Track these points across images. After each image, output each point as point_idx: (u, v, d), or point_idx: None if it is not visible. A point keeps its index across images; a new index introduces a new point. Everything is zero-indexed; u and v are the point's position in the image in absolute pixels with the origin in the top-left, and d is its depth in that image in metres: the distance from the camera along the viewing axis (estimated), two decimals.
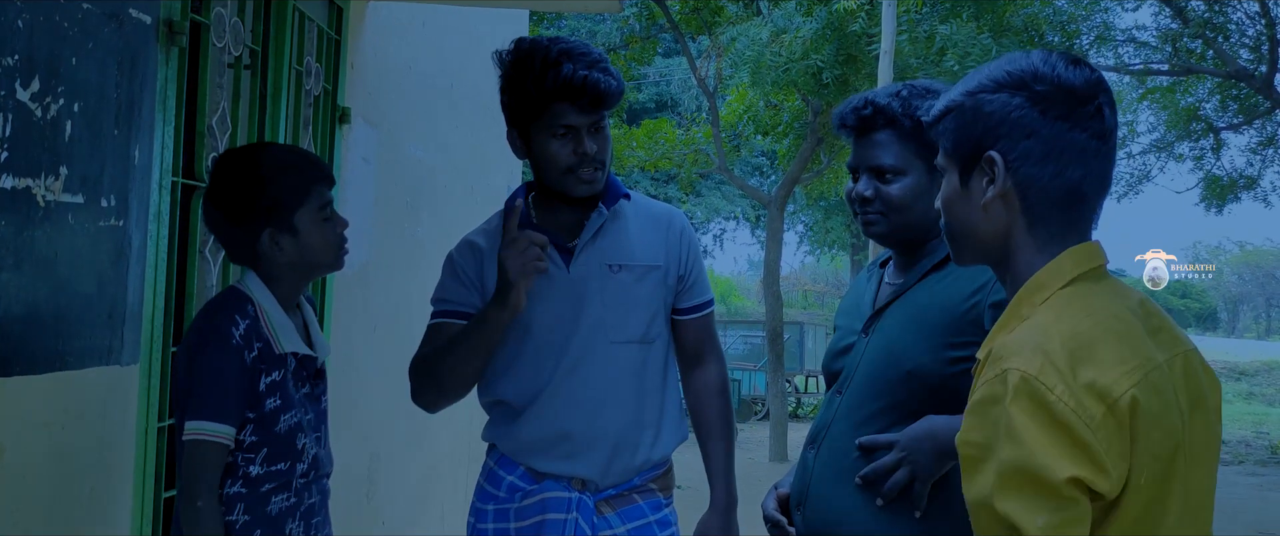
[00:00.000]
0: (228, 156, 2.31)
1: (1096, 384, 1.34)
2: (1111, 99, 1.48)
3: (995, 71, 1.48)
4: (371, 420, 4.14)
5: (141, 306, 2.40)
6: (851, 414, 2.16)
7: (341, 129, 3.60)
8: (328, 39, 3.49)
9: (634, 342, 2.47)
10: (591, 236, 2.47)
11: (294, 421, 2.23)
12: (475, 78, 5.13)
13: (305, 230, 2.23)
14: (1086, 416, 1.32)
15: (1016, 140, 1.44)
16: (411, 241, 4.43)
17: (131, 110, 2.31)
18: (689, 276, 2.55)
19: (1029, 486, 1.32)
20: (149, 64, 2.37)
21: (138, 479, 2.43)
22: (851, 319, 2.29)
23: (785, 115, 12.72)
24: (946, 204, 1.54)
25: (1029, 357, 1.35)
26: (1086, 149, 1.44)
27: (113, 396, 2.33)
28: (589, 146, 2.38)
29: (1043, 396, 1.32)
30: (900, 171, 2.18)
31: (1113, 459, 1.33)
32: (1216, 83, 14.71)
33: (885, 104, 2.18)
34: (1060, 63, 1.46)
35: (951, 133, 1.51)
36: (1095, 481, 1.32)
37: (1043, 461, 1.31)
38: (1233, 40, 13.91)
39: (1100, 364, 1.35)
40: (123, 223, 2.30)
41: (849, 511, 2.12)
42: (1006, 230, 1.48)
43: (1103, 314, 1.41)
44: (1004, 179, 1.45)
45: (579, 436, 2.46)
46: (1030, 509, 1.32)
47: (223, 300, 2.22)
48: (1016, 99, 1.44)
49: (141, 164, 2.36)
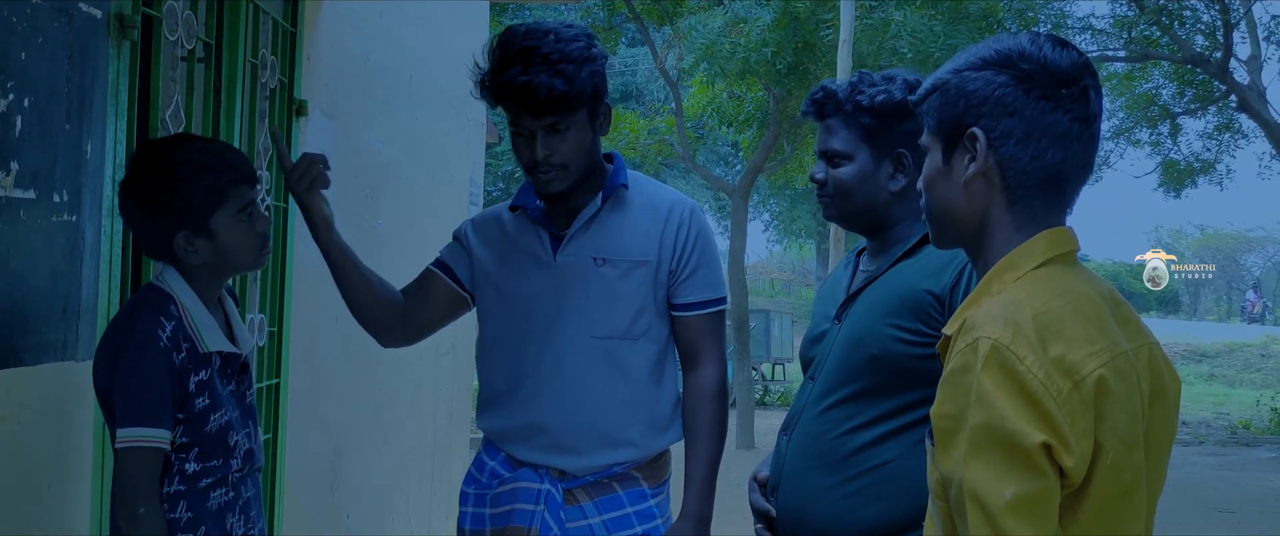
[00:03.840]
0: (146, 150, 2.25)
1: (1065, 359, 1.34)
2: (1098, 83, 1.48)
3: (983, 50, 1.48)
4: (335, 414, 4.13)
5: (96, 301, 2.39)
6: (822, 400, 2.20)
7: (299, 121, 3.59)
8: (283, 31, 3.47)
9: (617, 338, 2.43)
10: (581, 227, 2.45)
11: (224, 420, 2.21)
12: (434, 69, 5.12)
13: (222, 233, 2.18)
14: (1054, 390, 1.33)
15: (999, 118, 1.44)
16: (371, 233, 4.42)
17: (83, 105, 2.30)
18: (683, 271, 2.45)
19: (999, 451, 1.32)
20: (100, 58, 2.36)
21: (96, 474, 2.42)
22: (826, 306, 2.33)
23: (748, 106, 12.75)
24: (928, 183, 1.54)
25: (1000, 328, 1.36)
26: (1069, 131, 1.44)
27: (69, 392, 2.32)
28: (540, 151, 2.35)
29: (1012, 366, 1.33)
30: (847, 156, 2.25)
31: (1076, 435, 1.33)
32: (1173, 69, 14.88)
33: (835, 89, 2.27)
34: (1047, 44, 1.46)
35: (936, 110, 1.51)
36: (1061, 453, 1.32)
37: (1014, 426, 1.32)
38: (1187, 26, 14.07)
39: (1069, 341, 1.36)
40: (76, 218, 2.29)
41: (818, 495, 2.16)
42: (985, 209, 1.48)
43: (1073, 295, 1.42)
44: (985, 156, 1.45)
45: (556, 429, 2.45)
46: (998, 478, 1.32)
47: (143, 300, 2.17)
48: (1001, 77, 1.44)
49: (94, 159, 2.35)
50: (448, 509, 5.84)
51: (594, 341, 2.43)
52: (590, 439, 2.44)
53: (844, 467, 2.14)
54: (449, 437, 5.84)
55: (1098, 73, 1.51)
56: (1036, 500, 1.31)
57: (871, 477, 2.12)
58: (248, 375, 2.34)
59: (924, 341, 2.09)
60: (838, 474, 2.15)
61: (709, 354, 2.48)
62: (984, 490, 1.32)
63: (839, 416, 2.17)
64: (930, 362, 2.05)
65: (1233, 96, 14.33)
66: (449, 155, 5.58)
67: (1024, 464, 1.31)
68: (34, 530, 2.21)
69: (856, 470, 2.13)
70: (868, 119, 2.22)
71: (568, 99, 2.30)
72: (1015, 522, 1.30)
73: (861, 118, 2.22)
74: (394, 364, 4.84)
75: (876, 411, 2.14)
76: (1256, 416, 15.15)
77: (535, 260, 2.48)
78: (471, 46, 5.99)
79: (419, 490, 5.31)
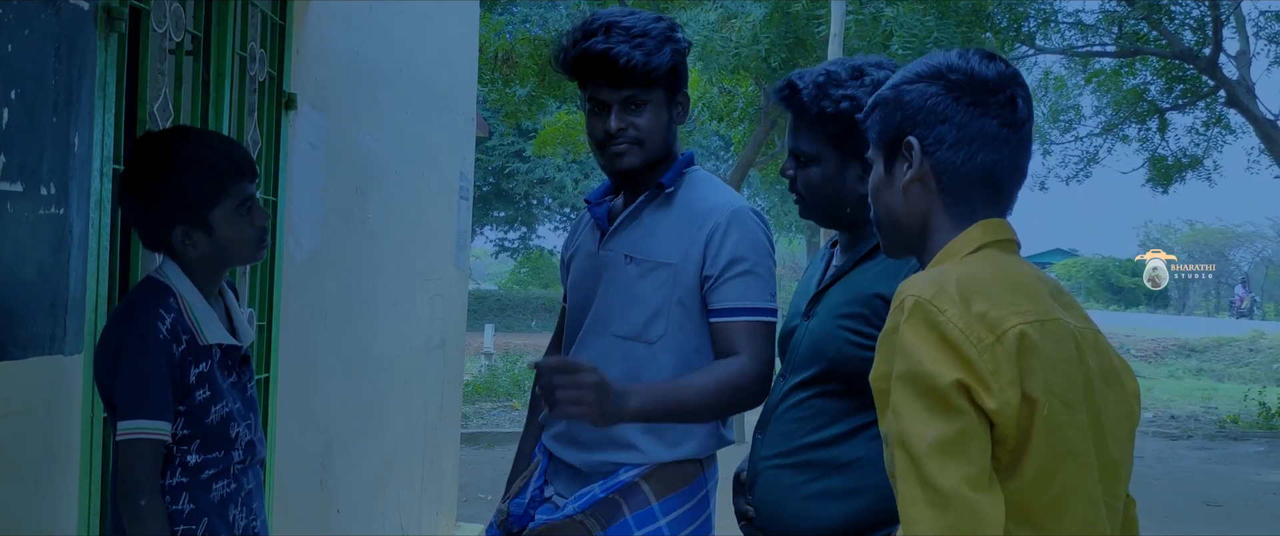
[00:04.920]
0: (145, 142, 2.25)
1: (987, 315, 1.42)
2: (1026, 93, 1.58)
3: (918, 66, 1.60)
4: (325, 408, 4.12)
5: (84, 295, 2.38)
6: (790, 397, 2.20)
7: (288, 115, 3.57)
8: (272, 24, 3.46)
9: (635, 340, 2.35)
10: (624, 221, 2.41)
11: (225, 411, 2.21)
12: (425, 63, 5.11)
13: (220, 228, 2.19)
14: (974, 338, 1.40)
15: (932, 126, 1.55)
16: (361, 228, 4.41)
17: (70, 97, 2.28)
18: (721, 276, 2.31)
19: (919, 396, 1.39)
20: (87, 51, 2.35)
21: (83, 470, 2.41)
22: (799, 300, 2.32)
23: (740, 101, 12.75)
24: (874, 193, 1.64)
25: (925, 287, 1.45)
26: (997, 136, 1.54)
27: (56, 387, 2.31)
28: (614, 123, 2.32)
29: (933, 317, 1.41)
30: (814, 158, 2.22)
31: (1000, 382, 1.39)
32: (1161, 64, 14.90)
33: (801, 87, 2.20)
34: (975, 57, 1.57)
35: (877, 123, 1.62)
36: (980, 393, 1.38)
37: (930, 368, 1.39)
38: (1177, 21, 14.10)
39: (992, 300, 1.44)
40: (63, 211, 2.28)
41: (787, 493, 2.16)
42: (925, 212, 1.58)
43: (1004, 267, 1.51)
44: (920, 161, 1.55)
45: (572, 424, 2.40)
46: (920, 422, 1.38)
47: (144, 292, 2.18)
48: (933, 88, 1.55)
49: (81, 151, 2.33)
50: (438, 504, 5.83)
51: (615, 340, 2.38)
52: (598, 436, 2.36)
53: (811, 467, 2.14)
54: (440, 433, 5.82)
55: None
56: (958, 439, 1.37)
57: (838, 477, 2.11)
58: (248, 367, 2.34)
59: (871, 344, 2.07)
60: (806, 473, 2.14)
61: (746, 350, 2.28)
62: (908, 435, 1.39)
63: (805, 414, 2.17)
64: None
65: (1221, 91, 14.36)
66: (439, 150, 5.56)
67: (941, 405, 1.38)
68: (21, 525, 2.20)
69: (823, 469, 2.13)
70: (833, 126, 2.17)
71: (647, 72, 2.30)
72: (938, 465, 1.36)
73: (826, 124, 2.17)
74: (384, 359, 4.83)
75: (841, 411, 2.13)
76: (1244, 411, 15.20)
77: (588, 254, 2.49)
78: (462, 41, 6.00)
79: (409, 485, 5.30)
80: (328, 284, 4.07)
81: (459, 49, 5.81)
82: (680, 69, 2.39)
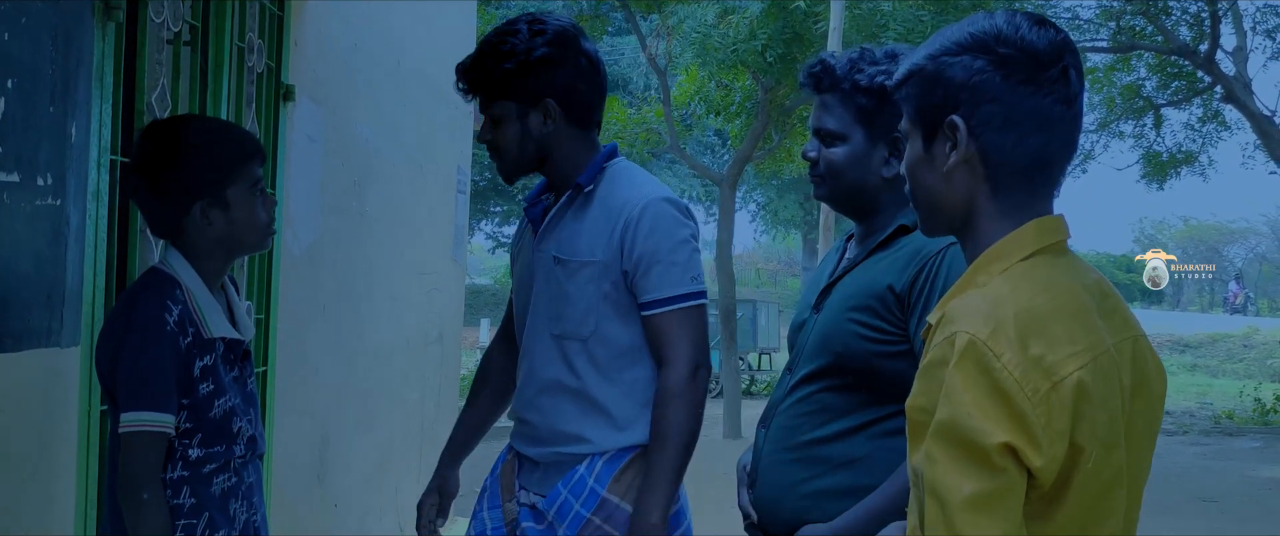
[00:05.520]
0: (157, 126, 2.24)
1: (1044, 360, 1.31)
2: (1078, 61, 1.44)
3: (958, 33, 1.44)
4: (321, 402, 4.10)
5: (81, 287, 2.36)
6: (795, 392, 2.18)
7: (286, 107, 3.55)
8: (270, 15, 3.44)
9: (571, 338, 2.38)
10: (551, 223, 2.44)
11: (227, 405, 2.19)
12: (423, 57, 5.08)
13: (237, 205, 2.17)
14: (1030, 388, 1.29)
15: (979, 105, 1.40)
16: (359, 220, 4.39)
17: (67, 87, 2.26)
18: (637, 270, 2.34)
19: (959, 448, 1.30)
20: (85, 40, 2.33)
21: (80, 463, 2.39)
22: (810, 293, 2.29)
23: (737, 95, 12.73)
24: (911, 170, 1.51)
25: (980, 323, 1.33)
26: (1051, 114, 1.40)
27: (53, 379, 2.29)
28: (484, 134, 2.42)
29: (988, 362, 1.30)
30: (841, 137, 2.18)
31: (1050, 437, 1.30)
32: (1157, 60, 14.90)
33: (833, 65, 2.18)
34: (1025, 24, 1.41)
35: (914, 98, 1.47)
36: (1028, 453, 1.29)
37: (976, 423, 1.29)
38: (1174, 17, 14.10)
39: (1050, 340, 1.33)
40: (60, 202, 2.26)
41: (788, 490, 2.14)
42: (970, 197, 1.45)
43: (1059, 290, 1.39)
44: (966, 144, 1.41)
45: (522, 417, 2.50)
46: (957, 475, 1.29)
47: (149, 283, 2.15)
48: (979, 62, 1.40)
49: (78, 142, 2.31)
50: None
51: (552, 339, 2.42)
52: (546, 430, 2.44)
53: (814, 463, 2.12)
54: (436, 427, 5.80)
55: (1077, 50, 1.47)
56: (993, 498, 1.29)
57: (841, 474, 2.09)
58: (249, 362, 2.33)
59: (881, 338, 2.05)
60: (808, 469, 2.12)
61: (674, 352, 2.34)
62: (943, 486, 1.30)
63: (810, 409, 2.14)
64: (888, 361, 2.04)
65: (1218, 87, 14.36)
66: (436, 144, 5.54)
67: (982, 462, 1.29)
68: (17, 519, 2.18)
69: (826, 466, 2.10)
70: (865, 99, 2.14)
71: (480, 87, 2.36)
72: (970, 521, 1.28)
73: (858, 98, 2.14)
74: (381, 353, 4.81)
75: (846, 406, 2.10)
76: (1239, 406, 15.23)
77: (526, 254, 2.53)
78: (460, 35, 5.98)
79: (406, 479, 5.28)
80: (325, 277, 4.05)
81: (457, 43, 5.78)
82: (529, 81, 2.34)
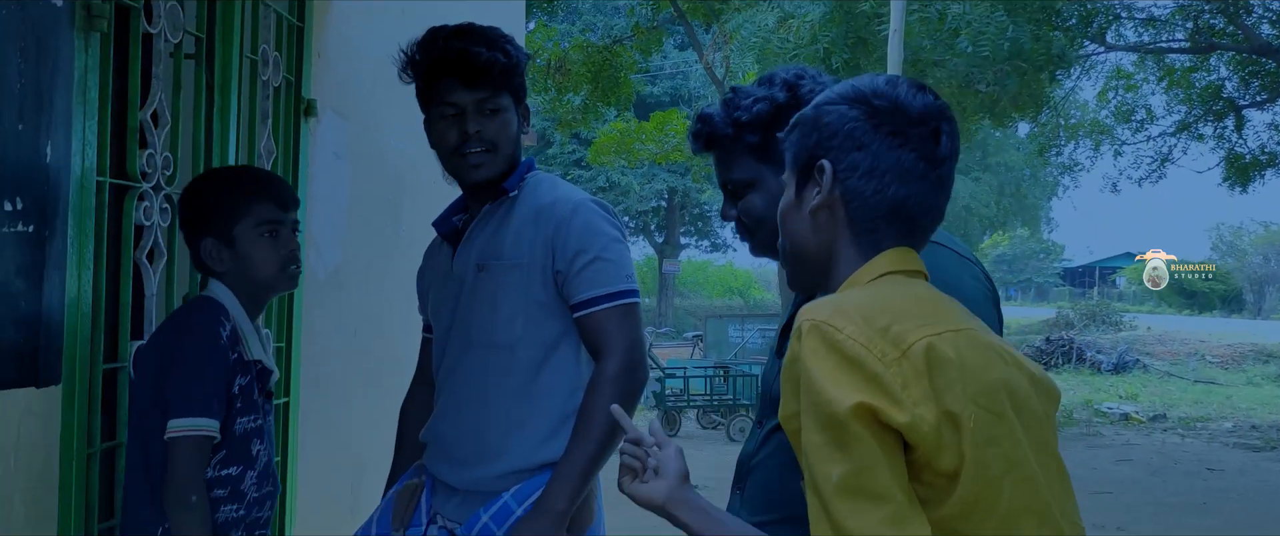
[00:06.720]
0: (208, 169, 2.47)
1: (890, 330, 1.33)
2: (953, 130, 1.49)
3: (844, 87, 1.52)
4: (353, 429, 3.91)
5: (62, 319, 2.17)
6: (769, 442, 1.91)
7: (307, 122, 3.37)
8: (288, 26, 3.26)
9: (499, 347, 2.34)
10: (473, 233, 2.41)
11: (251, 425, 2.26)
12: None
13: (242, 244, 2.27)
14: (878, 352, 1.30)
15: (847, 151, 1.47)
16: (391, 239, 4.20)
17: (40, 102, 2.08)
18: (572, 268, 2.31)
19: (822, 431, 1.29)
20: (62, 51, 2.14)
21: (62, 511, 2.20)
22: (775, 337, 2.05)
23: None
24: (782, 216, 1.56)
25: (821, 310, 1.36)
26: (913, 170, 1.45)
27: (27, 421, 2.10)
28: (472, 126, 2.32)
29: (832, 336, 1.32)
30: (750, 183, 1.95)
31: (912, 396, 1.29)
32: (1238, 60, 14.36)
33: (712, 114, 1.97)
34: (904, 85, 1.49)
35: (794, 143, 1.54)
36: (888, 412, 1.27)
37: (830, 394, 1.29)
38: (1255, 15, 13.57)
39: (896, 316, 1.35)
40: (33, 227, 2.07)
41: None
42: (831, 241, 1.50)
43: (910, 294, 1.42)
44: (830, 187, 1.47)
45: (445, 438, 2.40)
46: (825, 462, 1.29)
47: (201, 305, 2.26)
48: (854, 112, 1.47)
49: (56, 162, 2.13)
50: None
51: (479, 350, 2.37)
52: (469, 449, 2.35)
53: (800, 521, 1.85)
54: None
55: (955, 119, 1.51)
56: (861, 475, 1.27)
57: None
58: (270, 399, 2.39)
59: None
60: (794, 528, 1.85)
61: (612, 346, 2.30)
62: (817, 477, 1.30)
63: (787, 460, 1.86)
64: None
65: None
66: None
67: (841, 439, 1.28)
68: None
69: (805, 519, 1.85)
70: (754, 136, 1.92)
71: (504, 72, 2.32)
72: (845, 508, 1.27)
73: (747, 137, 1.92)
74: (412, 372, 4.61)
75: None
76: None
77: (442, 274, 2.49)
78: None
79: None
80: (354, 300, 3.86)
81: None
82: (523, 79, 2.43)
